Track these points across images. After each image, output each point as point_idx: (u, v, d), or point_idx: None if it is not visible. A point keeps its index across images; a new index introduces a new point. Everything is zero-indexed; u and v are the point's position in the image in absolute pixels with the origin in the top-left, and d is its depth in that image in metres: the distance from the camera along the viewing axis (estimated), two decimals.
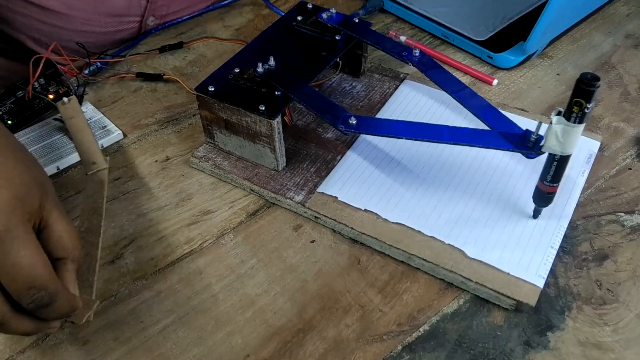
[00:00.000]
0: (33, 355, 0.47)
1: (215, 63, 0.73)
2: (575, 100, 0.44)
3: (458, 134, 0.51)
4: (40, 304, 0.39)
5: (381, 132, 0.53)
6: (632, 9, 0.79)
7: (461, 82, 0.57)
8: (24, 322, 0.40)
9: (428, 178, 0.58)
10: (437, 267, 0.51)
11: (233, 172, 0.59)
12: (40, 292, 0.38)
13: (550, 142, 0.47)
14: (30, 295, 0.38)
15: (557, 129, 0.46)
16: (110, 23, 0.74)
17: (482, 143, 0.50)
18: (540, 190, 0.51)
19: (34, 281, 0.38)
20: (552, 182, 0.50)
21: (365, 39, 0.62)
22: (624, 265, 0.52)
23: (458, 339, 0.48)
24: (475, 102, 0.54)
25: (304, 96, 0.55)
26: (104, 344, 0.48)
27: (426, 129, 0.52)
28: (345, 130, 0.52)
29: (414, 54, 0.60)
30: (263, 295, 0.51)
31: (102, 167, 0.55)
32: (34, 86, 0.65)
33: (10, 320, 0.39)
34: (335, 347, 0.47)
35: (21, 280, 0.38)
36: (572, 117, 0.45)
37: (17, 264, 0.37)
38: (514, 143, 0.50)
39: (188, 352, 0.47)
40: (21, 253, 0.38)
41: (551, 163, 0.49)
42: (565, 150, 0.47)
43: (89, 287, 0.47)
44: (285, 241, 0.55)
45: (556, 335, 0.48)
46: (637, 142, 0.62)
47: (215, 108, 0.57)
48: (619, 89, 0.68)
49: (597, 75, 0.43)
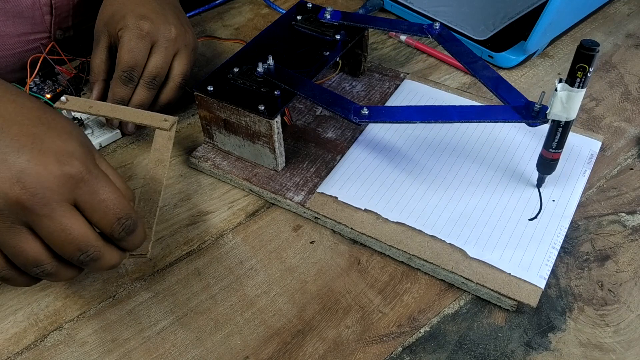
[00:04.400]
0: (31, 356, 0.47)
1: (214, 62, 0.73)
2: (578, 66, 0.47)
3: (465, 112, 0.53)
4: (129, 230, 0.43)
5: (393, 119, 0.54)
6: (633, 9, 0.79)
7: (474, 54, 0.58)
8: (114, 253, 0.43)
9: (428, 177, 0.57)
10: (437, 267, 0.50)
11: (232, 172, 0.59)
12: (128, 220, 0.42)
13: (556, 109, 0.49)
14: (121, 224, 0.42)
15: (562, 95, 0.48)
16: (17, 43, 0.72)
17: (489, 117, 0.52)
18: (544, 158, 0.54)
19: (122, 211, 0.42)
20: (557, 149, 0.52)
21: (378, 26, 0.62)
22: (625, 266, 0.51)
23: (459, 340, 0.47)
24: (486, 73, 0.56)
25: (310, 91, 0.55)
26: (102, 345, 0.48)
27: (435, 111, 0.53)
28: (359, 121, 0.53)
29: (435, 27, 0.61)
30: (262, 296, 0.50)
31: (174, 120, 0.56)
32: (30, 86, 0.65)
33: (105, 253, 0.42)
34: (335, 348, 0.47)
35: (112, 212, 0.41)
36: (577, 83, 0.48)
37: (106, 199, 0.41)
38: (519, 114, 0.51)
39: (187, 353, 0.47)
40: (107, 189, 0.41)
41: (556, 130, 0.51)
42: (569, 116, 0.50)
43: (149, 227, 0.49)
44: (284, 242, 0.54)
45: (557, 336, 0.47)
46: (638, 142, 0.62)
47: (215, 108, 0.57)
48: (619, 89, 0.68)
49: (596, 41, 0.47)
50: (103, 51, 0.63)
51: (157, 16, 0.60)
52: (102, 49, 0.63)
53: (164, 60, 0.60)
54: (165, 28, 0.60)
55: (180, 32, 0.61)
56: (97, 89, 0.64)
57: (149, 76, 0.60)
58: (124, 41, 0.59)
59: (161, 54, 0.60)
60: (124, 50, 0.59)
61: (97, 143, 0.62)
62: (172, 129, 0.56)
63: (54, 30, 0.73)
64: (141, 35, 0.59)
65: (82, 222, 0.41)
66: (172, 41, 0.60)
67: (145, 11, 0.60)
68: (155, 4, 0.62)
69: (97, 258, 0.42)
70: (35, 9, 0.70)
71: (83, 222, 0.41)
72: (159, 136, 0.55)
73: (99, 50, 0.63)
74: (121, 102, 0.61)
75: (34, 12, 0.70)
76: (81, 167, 0.40)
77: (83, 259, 0.41)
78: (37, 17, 0.71)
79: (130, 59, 0.59)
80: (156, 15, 0.60)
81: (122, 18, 0.60)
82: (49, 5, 0.71)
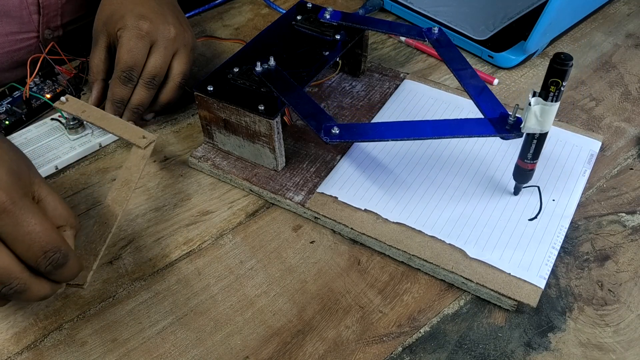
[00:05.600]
0: (30, 356, 0.47)
1: (214, 62, 0.73)
2: (551, 80, 0.46)
3: (439, 127, 0.52)
4: (57, 265, 0.42)
5: (365, 138, 0.53)
6: (633, 9, 0.79)
7: (466, 62, 0.57)
8: (43, 285, 0.43)
9: (428, 178, 0.57)
10: (437, 267, 0.50)
11: (232, 172, 0.59)
12: (56, 254, 0.41)
13: (530, 123, 0.49)
14: (47, 257, 0.41)
15: (536, 109, 0.48)
16: (5, 43, 0.71)
17: (462, 132, 0.51)
18: (520, 168, 0.53)
19: (49, 244, 0.41)
20: (532, 159, 0.52)
21: (376, 28, 0.62)
22: (625, 266, 0.51)
23: (459, 340, 0.47)
24: (472, 82, 0.55)
25: (293, 99, 0.54)
26: (102, 345, 0.48)
27: (408, 126, 0.53)
28: (329, 141, 0.51)
29: (433, 31, 0.61)
30: (262, 296, 0.50)
31: (152, 139, 0.55)
32: (30, 86, 0.65)
33: (32, 285, 0.42)
34: (335, 348, 0.47)
35: (37, 245, 0.40)
36: (550, 97, 0.47)
37: (31, 231, 0.40)
38: (493, 127, 0.51)
39: (187, 353, 0.47)
40: (32, 221, 0.40)
41: (531, 142, 0.51)
42: (544, 129, 0.49)
43: (93, 255, 0.48)
44: (284, 242, 0.54)
45: (557, 336, 0.47)
46: (638, 142, 0.62)
47: (214, 108, 0.57)
48: (619, 89, 0.68)
49: (569, 55, 0.46)
50: (102, 51, 0.63)
51: (156, 16, 0.60)
52: (101, 48, 0.63)
53: (163, 60, 0.60)
54: (165, 28, 0.60)
55: (179, 31, 0.61)
56: (97, 88, 0.64)
57: (148, 76, 0.60)
58: (123, 41, 0.59)
59: (160, 54, 0.60)
60: (123, 50, 0.59)
61: (97, 143, 0.62)
62: (147, 147, 0.54)
63: (42, 30, 0.73)
64: (140, 35, 0.59)
65: (5, 254, 0.40)
66: (171, 41, 0.60)
67: (144, 11, 0.60)
68: (154, 4, 0.62)
69: (21, 290, 0.41)
70: (23, 8, 0.70)
71: (6, 254, 0.40)
72: (133, 154, 0.54)
73: (97, 50, 0.63)
74: (120, 101, 0.61)
75: (21, 11, 0.70)
76: (4, 197, 0.39)
77: (6, 292, 0.41)
78: (24, 17, 0.71)
79: (129, 58, 0.59)
80: (155, 15, 0.60)
81: (121, 18, 0.60)
82: (36, 5, 0.71)
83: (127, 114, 0.62)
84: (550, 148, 0.59)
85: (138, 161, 0.53)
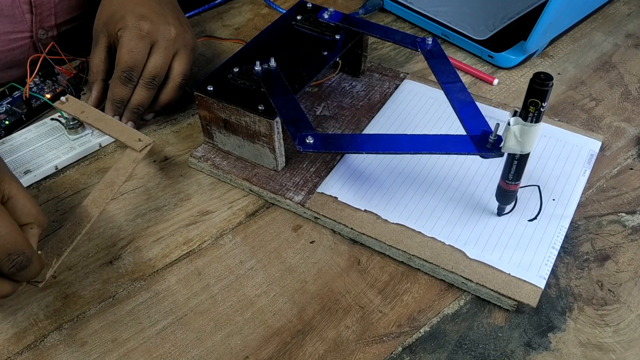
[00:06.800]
0: (30, 356, 0.47)
1: (214, 62, 0.73)
2: (530, 100, 0.44)
3: (416, 143, 0.50)
4: (20, 267, 0.42)
5: (339, 149, 0.52)
6: (633, 9, 0.79)
7: (456, 76, 0.56)
8: (4, 284, 0.43)
9: (428, 178, 0.57)
10: (437, 267, 0.50)
11: (232, 172, 0.59)
12: (19, 257, 0.42)
13: (510, 143, 0.47)
14: (11, 260, 0.42)
15: (515, 129, 0.46)
16: None
17: (440, 149, 0.49)
18: (502, 189, 0.52)
19: (13, 247, 0.41)
20: (513, 181, 0.50)
21: (372, 33, 0.62)
22: (625, 266, 0.51)
23: (459, 340, 0.47)
24: (459, 96, 0.54)
25: (281, 102, 0.54)
26: (102, 345, 0.48)
27: (384, 140, 0.51)
28: (302, 150, 0.51)
29: (427, 42, 0.60)
30: (262, 296, 0.50)
31: (148, 142, 0.55)
32: (30, 86, 0.65)
33: None
34: (335, 348, 0.47)
35: (1, 248, 0.41)
36: (529, 117, 0.45)
37: None
38: (473, 145, 0.49)
39: (187, 353, 0.47)
40: None
41: (512, 162, 0.49)
42: (524, 150, 0.47)
43: (57, 254, 0.48)
44: (284, 242, 0.54)
45: (557, 336, 0.47)
46: (638, 142, 0.62)
47: (214, 108, 0.57)
48: (619, 89, 0.68)
49: (550, 75, 0.44)
50: (102, 51, 0.63)
51: (157, 16, 0.60)
52: (101, 48, 0.63)
53: (163, 60, 0.60)
54: (165, 28, 0.60)
55: (179, 32, 0.61)
56: (97, 88, 0.64)
57: (148, 76, 0.60)
58: (124, 41, 0.59)
59: (161, 54, 0.60)
60: (123, 50, 0.59)
61: (97, 143, 0.62)
62: (142, 150, 0.54)
63: (36, 30, 0.73)
64: (141, 35, 0.59)
65: None
66: (171, 41, 0.60)
67: (145, 11, 0.60)
68: (155, 4, 0.62)
69: None
70: (15, 7, 0.70)
71: None
72: (125, 155, 0.54)
73: (98, 50, 0.63)
74: (120, 102, 0.61)
75: (13, 10, 0.70)
76: None
77: None
78: (17, 16, 0.71)
79: (129, 59, 0.59)
80: (156, 15, 0.60)
81: (121, 18, 0.60)
82: (28, 4, 0.70)
83: (127, 114, 0.62)
84: (550, 148, 0.59)
85: (128, 164, 0.53)
